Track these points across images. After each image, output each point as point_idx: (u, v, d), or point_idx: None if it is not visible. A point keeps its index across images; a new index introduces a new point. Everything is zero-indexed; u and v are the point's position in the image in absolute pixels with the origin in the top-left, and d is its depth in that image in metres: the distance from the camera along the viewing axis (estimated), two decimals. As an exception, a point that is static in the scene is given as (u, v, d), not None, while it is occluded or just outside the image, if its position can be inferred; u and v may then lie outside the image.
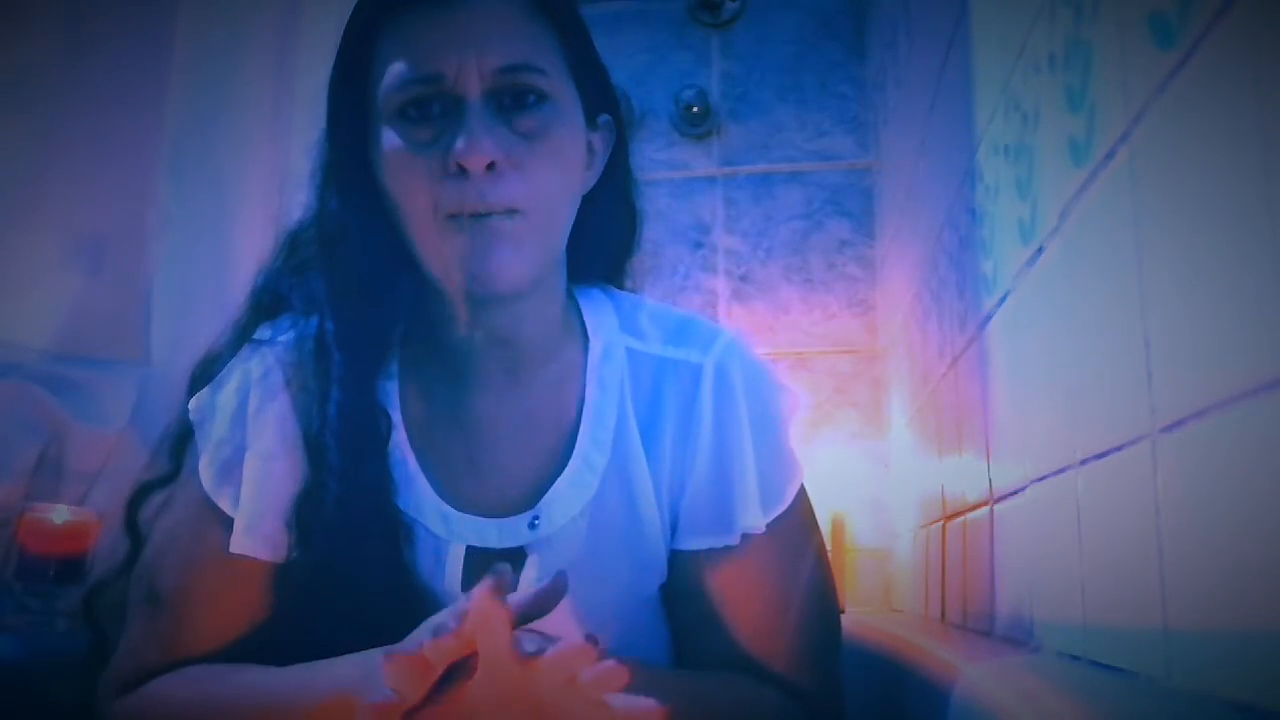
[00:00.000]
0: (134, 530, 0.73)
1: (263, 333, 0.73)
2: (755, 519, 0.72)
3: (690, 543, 0.73)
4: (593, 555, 0.71)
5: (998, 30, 0.87)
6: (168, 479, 0.72)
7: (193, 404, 0.72)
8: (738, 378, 0.75)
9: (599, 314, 0.78)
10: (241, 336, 0.73)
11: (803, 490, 0.76)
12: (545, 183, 0.67)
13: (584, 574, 0.70)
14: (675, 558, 0.74)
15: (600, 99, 0.75)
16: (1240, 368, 0.42)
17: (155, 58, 1.21)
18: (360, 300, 0.70)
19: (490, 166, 0.64)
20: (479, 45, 0.66)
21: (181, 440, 0.73)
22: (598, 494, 0.71)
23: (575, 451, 0.72)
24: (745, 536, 0.72)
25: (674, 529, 0.74)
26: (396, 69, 0.67)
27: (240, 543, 0.67)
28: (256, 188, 1.28)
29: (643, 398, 0.74)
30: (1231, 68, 0.43)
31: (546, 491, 0.71)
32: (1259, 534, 0.41)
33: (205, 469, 0.69)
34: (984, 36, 0.93)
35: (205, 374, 0.73)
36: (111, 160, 1.18)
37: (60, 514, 0.99)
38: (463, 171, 0.64)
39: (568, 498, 0.71)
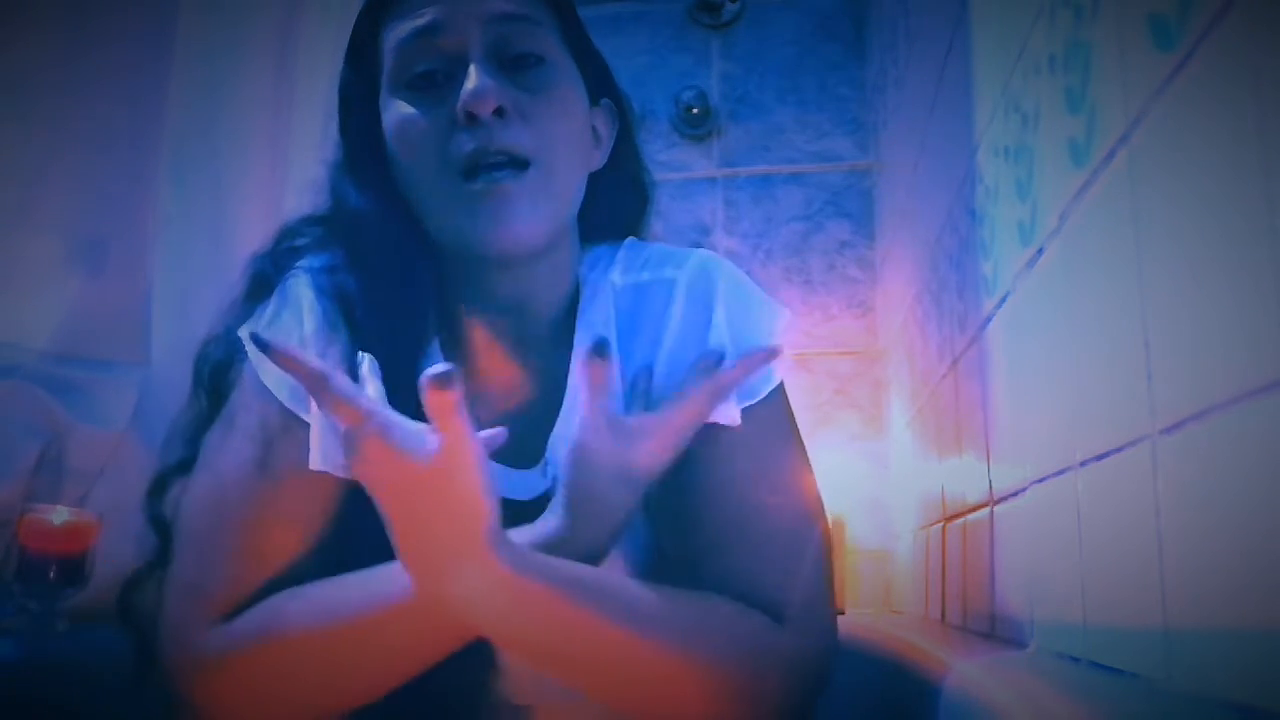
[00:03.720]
0: (159, 521, 0.70)
1: (304, 262, 0.72)
2: (726, 409, 0.68)
3: None
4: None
5: (998, 31, 0.87)
6: (186, 464, 0.71)
7: (244, 329, 0.69)
8: (714, 282, 0.73)
9: (592, 262, 0.78)
10: (237, 322, 0.73)
11: (783, 395, 0.73)
12: (553, 134, 0.68)
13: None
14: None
15: (600, 82, 0.77)
16: (1240, 368, 0.42)
17: (155, 59, 1.21)
18: (392, 281, 0.69)
19: (498, 112, 0.65)
20: (478, 2, 0.68)
21: (219, 373, 0.71)
22: None
23: (565, 402, 0.72)
24: (712, 428, 0.68)
25: None
26: (399, 34, 0.69)
27: (318, 459, 0.65)
28: (256, 188, 1.28)
29: (624, 324, 0.75)
30: (1231, 69, 0.43)
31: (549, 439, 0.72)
32: (1259, 535, 0.41)
33: (279, 382, 0.66)
34: (984, 38, 0.93)
35: (208, 356, 0.72)
36: (111, 160, 1.18)
37: (60, 515, 0.99)
38: (471, 119, 0.65)
39: (565, 440, 0.71)
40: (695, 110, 2.00)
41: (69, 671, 0.74)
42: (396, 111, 0.69)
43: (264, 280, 0.74)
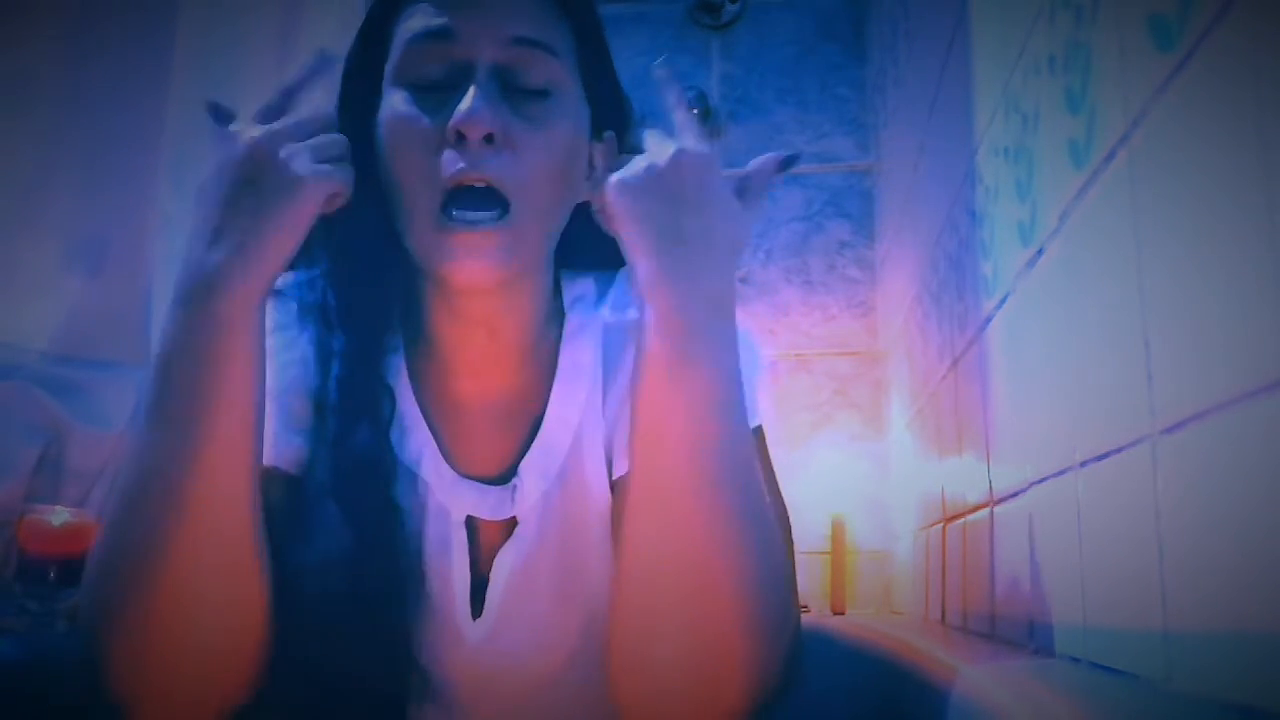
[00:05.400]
0: None
1: (288, 275, 0.73)
2: None
3: (622, 468, 0.70)
4: (565, 521, 0.71)
5: (998, 32, 0.87)
6: None
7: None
8: None
9: (577, 292, 0.78)
10: None
11: (759, 438, 0.71)
12: (541, 171, 0.67)
13: (558, 540, 0.71)
14: (615, 488, 0.71)
15: (609, 114, 0.75)
16: (1240, 369, 0.42)
17: (156, 59, 1.21)
18: (360, 278, 0.70)
19: (489, 139, 0.64)
20: (496, 13, 0.67)
21: None
22: (564, 463, 0.72)
23: (544, 426, 0.73)
24: None
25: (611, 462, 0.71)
26: (411, 28, 0.68)
27: (270, 454, 0.65)
28: (256, 188, 1.28)
29: (611, 364, 0.74)
30: (1231, 69, 0.43)
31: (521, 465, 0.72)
32: (1259, 536, 0.41)
33: None
34: (984, 38, 0.93)
35: None
36: (112, 160, 1.18)
37: (60, 515, 0.99)
38: (460, 140, 0.64)
39: (539, 469, 0.72)
40: (695, 110, 1.99)
41: (69, 673, 0.74)
42: (394, 107, 0.67)
43: None
